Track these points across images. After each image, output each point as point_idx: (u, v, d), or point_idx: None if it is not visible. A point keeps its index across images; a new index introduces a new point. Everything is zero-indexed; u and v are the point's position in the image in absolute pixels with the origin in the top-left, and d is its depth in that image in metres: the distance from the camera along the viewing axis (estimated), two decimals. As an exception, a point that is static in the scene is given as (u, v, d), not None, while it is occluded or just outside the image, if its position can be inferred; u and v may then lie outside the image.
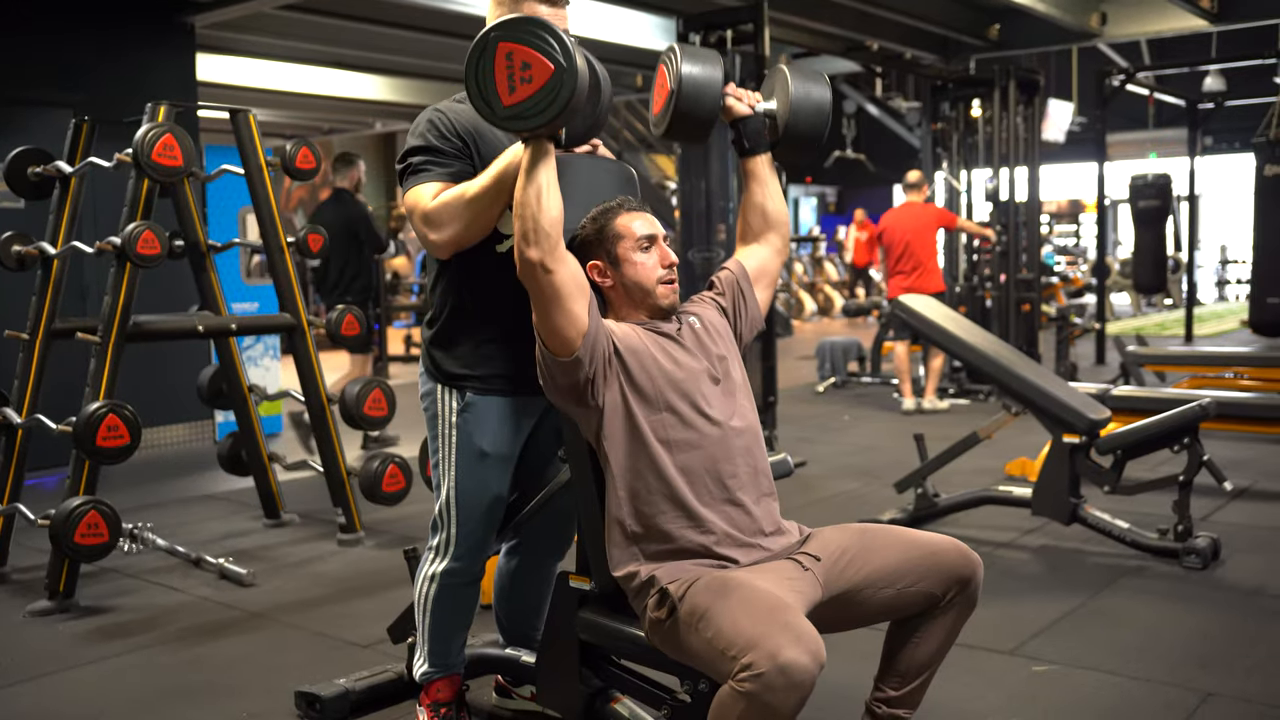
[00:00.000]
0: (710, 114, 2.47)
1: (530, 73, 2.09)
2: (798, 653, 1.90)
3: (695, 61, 2.44)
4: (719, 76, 2.46)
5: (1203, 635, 3.44)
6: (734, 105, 2.53)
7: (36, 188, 4.47)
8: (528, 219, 2.19)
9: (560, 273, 2.21)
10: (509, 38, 2.10)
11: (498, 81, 2.12)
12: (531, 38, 2.09)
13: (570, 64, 2.08)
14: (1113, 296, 16.26)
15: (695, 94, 2.42)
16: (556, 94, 2.09)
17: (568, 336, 2.23)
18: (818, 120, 2.53)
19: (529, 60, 2.09)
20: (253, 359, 7.40)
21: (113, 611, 3.92)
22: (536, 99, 2.10)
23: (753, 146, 2.57)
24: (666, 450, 2.27)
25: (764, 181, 2.60)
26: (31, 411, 4.28)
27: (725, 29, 6.24)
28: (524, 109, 2.12)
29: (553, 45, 2.08)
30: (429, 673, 2.74)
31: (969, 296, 8.89)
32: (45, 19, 6.64)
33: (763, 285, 2.59)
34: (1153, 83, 11.71)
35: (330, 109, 13.24)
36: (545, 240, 2.19)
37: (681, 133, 2.51)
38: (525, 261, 2.21)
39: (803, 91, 2.51)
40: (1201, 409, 4.13)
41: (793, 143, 2.55)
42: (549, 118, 2.11)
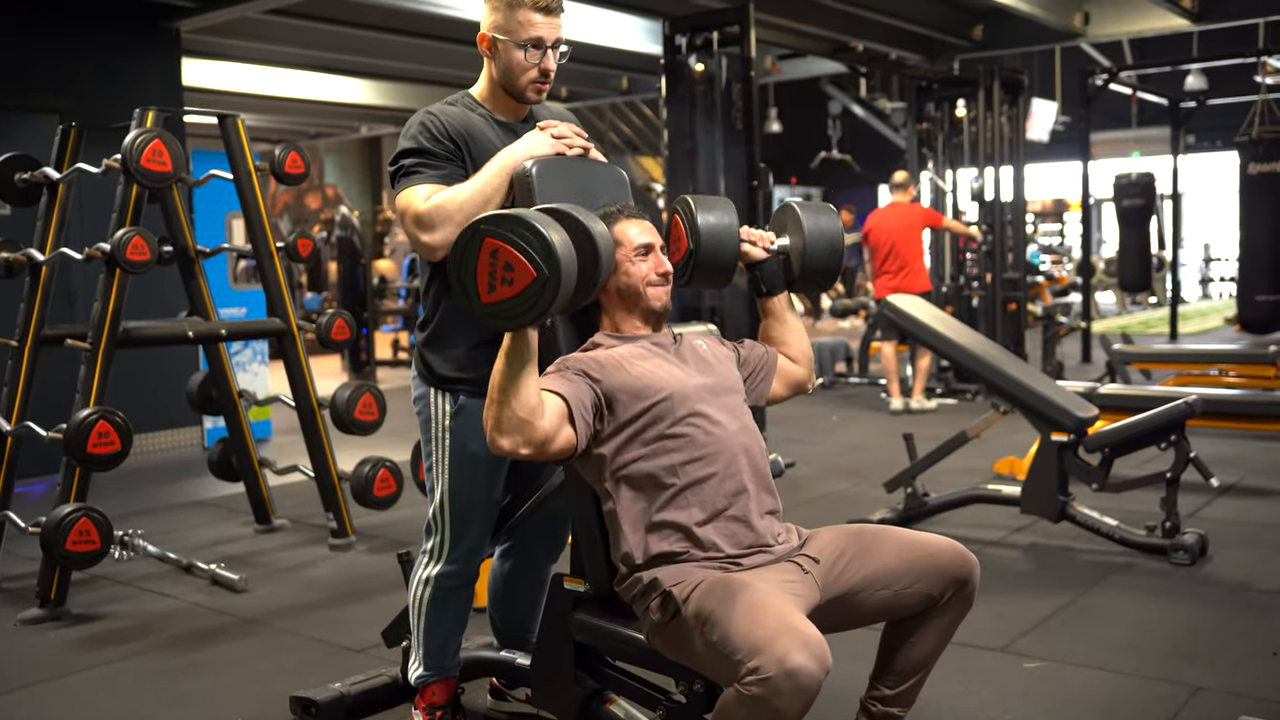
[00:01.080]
0: (730, 263, 2.48)
1: (512, 275, 2.01)
2: (804, 657, 1.91)
3: (711, 211, 2.45)
4: (735, 222, 2.47)
5: (1191, 630, 3.47)
6: (750, 250, 2.54)
7: (24, 194, 4.46)
8: (502, 409, 2.12)
9: (537, 448, 2.15)
10: (496, 235, 2.02)
11: (478, 277, 2.04)
12: (518, 239, 2.01)
13: (554, 272, 1.99)
14: (1098, 295, 16.35)
15: (715, 245, 2.44)
16: (535, 301, 2.01)
17: (562, 453, 2.23)
18: (833, 255, 2.55)
19: (512, 262, 2.01)
20: (241, 364, 7.39)
21: (105, 619, 3.91)
22: (514, 303, 2.02)
23: (770, 288, 2.59)
24: (669, 475, 2.25)
25: (785, 321, 2.63)
26: (21, 418, 4.26)
27: (711, 31, 6.25)
28: (501, 310, 2.04)
29: (537, 250, 1.99)
30: (424, 676, 2.75)
31: (955, 296, 8.92)
32: (31, 25, 6.62)
33: (781, 383, 2.61)
34: (1135, 82, 11.78)
35: (316, 113, 13.22)
36: (519, 430, 2.12)
37: (703, 282, 2.51)
38: (495, 447, 2.15)
39: (815, 226, 2.53)
40: (1188, 406, 4.16)
41: (810, 278, 2.57)
42: (526, 321, 2.05)
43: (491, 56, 2.55)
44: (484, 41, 2.55)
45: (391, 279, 13.17)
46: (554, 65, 2.54)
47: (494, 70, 2.56)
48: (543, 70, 2.52)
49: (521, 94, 2.55)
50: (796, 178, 21.01)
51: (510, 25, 2.49)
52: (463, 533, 2.64)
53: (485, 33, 2.54)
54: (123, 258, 3.94)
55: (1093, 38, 10.24)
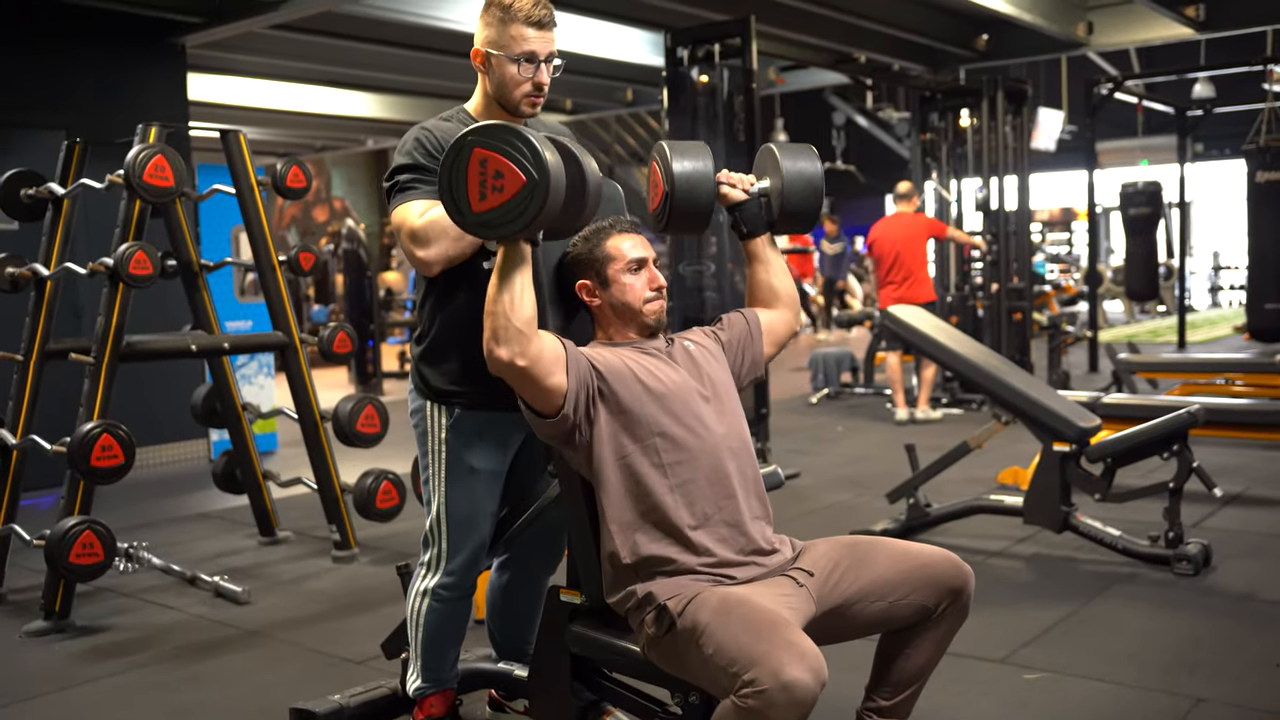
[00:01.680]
0: (707, 206, 2.50)
1: (502, 182, 2.06)
2: (800, 670, 1.92)
3: (685, 157, 2.47)
4: (710, 167, 2.49)
5: (1194, 641, 3.46)
6: (729, 193, 2.56)
7: (29, 210, 4.49)
8: (499, 320, 2.16)
9: (533, 364, 2.19)
10: (484, 144, 2.07)
11: (469, 187, 2.09)
12: (507, 146, 2.06)
13: (543, 176, 2.04)
14: (1106, 304, 16.32)
15: (689, 189, 2.46)
16: (526, 206, 2.06)
17: (549, 405, 2.25)
18: (811, 195, 2.56)
19: (501, 169, 2.06)
20: (246, 377, 7.42)
21: (108, 631, 3.93)
22: (506, 209, 2.07)
23: (751, 230, 2.60)
24: (659, 474, 2.27)
25: (767, 261, 2.63)
26: (26, 432, 4.29)
27: (713, 43, 6.28)
28: (492, 218, 2.09)
29: (526, 155, 2.04)
30: (422, 688, 2.76)
31: (960, 306, 8.92)
32: (37, 42, 6.67)
33: (770, 341, 2.61)
34: (1142, 91, 11.78)
35: (323, 127, 13.28)
36: (516, 340, 2.16)
37: (680, 227, 2.53)
38: (494, 359, 2.19)
39: (794, 167, 2.54)
40: (1190, 416, 4.15)
41: (789, 219, 2.57)
42: (516, 228, 2.09)
43: (485, 71, 2.57)
44: (478, 57, 2.56)
45: (398, 291, 13.22)
46: (547, 79, 2.56)
47: (488, 85, 2.58)
48: (536, 84, 2.54)
49: (516, 108, 2.56)
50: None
51: (503, 40, 2.50)
52: (460, 545, 2.65)
53: (479, 48, 2.55)
54: (125, 272, 3.96)
55: (1096, 47, 10.25)
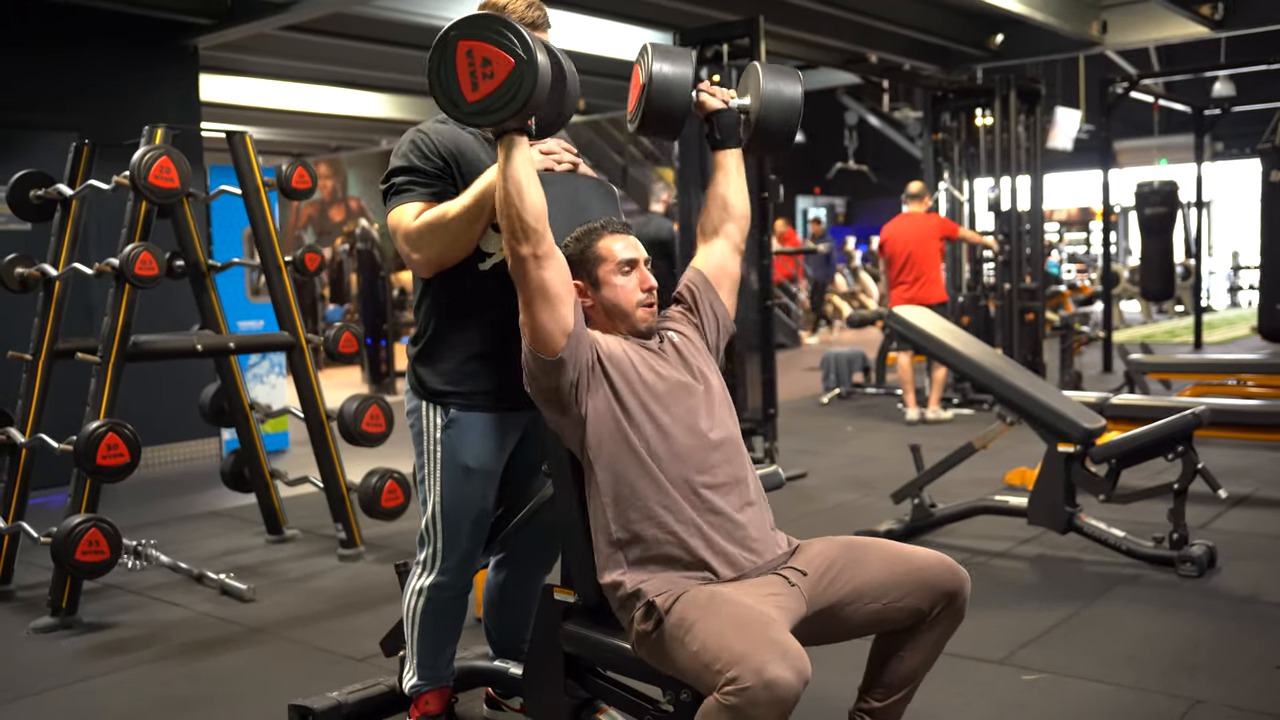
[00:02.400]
0: (681, 109, 2.51)
1: (491, 68, 2.12)
2: (783, 669, 1.92)
3: (666, 59, 2.49)
4: (689, 73, 2.50)
5: (1194, 643, 3.45)
6: (707, 100, 2.58)
7: (38, 210, 4.53)
8: (512, 216, 2.22)
9: (549, 269, 2.26)
10: (468, 35, 2.13)
11: (460, 79, 2.14)
12: (490, 33, 2.12)
13: (530, 56, 2.10)
14: (1123, 304, 16.23)
15: (666, 89, 2.47)
16: (519, 87, 2.11)
17: (553, 333, 2.26)
18: (789, 115, 2.58)
19: (489, 56, 2.11)
20: (258, 376, 7.47)
21: (114, 627, 3.96)
22: (500, 93, 2.12)
23: (723, 139, 2.61)
24: (650, 459, 2.30)
25: (730, 173, 2.64)
26: (35, 431, 4.33)
27: (721, 43, 6.27)
28: (488, 104, 2.14)
29: (511, 39, 2.10)
30: (418, 685, 2.77)
31: (972, 306, 8.89)
32: (50, 44, 6.72)
33: (725, 290, 2.62)
34: (1161, 89, 11.71)
35: (336, 127, 13.34)
36: (532, 233, 2.23)
37: (654, 127, 2.54)
38: (516, 257, 2.25)
39: (774, 88, 2.56)
40: (1195, 417, 4.13)
41: (764, 137, 2.59)
42: (514, 110, 2.13)
43: None
44: None
45: (411, 291, 13.25)
46: None
47: None
48: None
49: None
50: (820, 188, 21.03)
51: None
52: (455, 544, 2.67)
53: None
54: (131, 273, 4.00)
55: (1110, 46, 10.19)
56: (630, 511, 2.29)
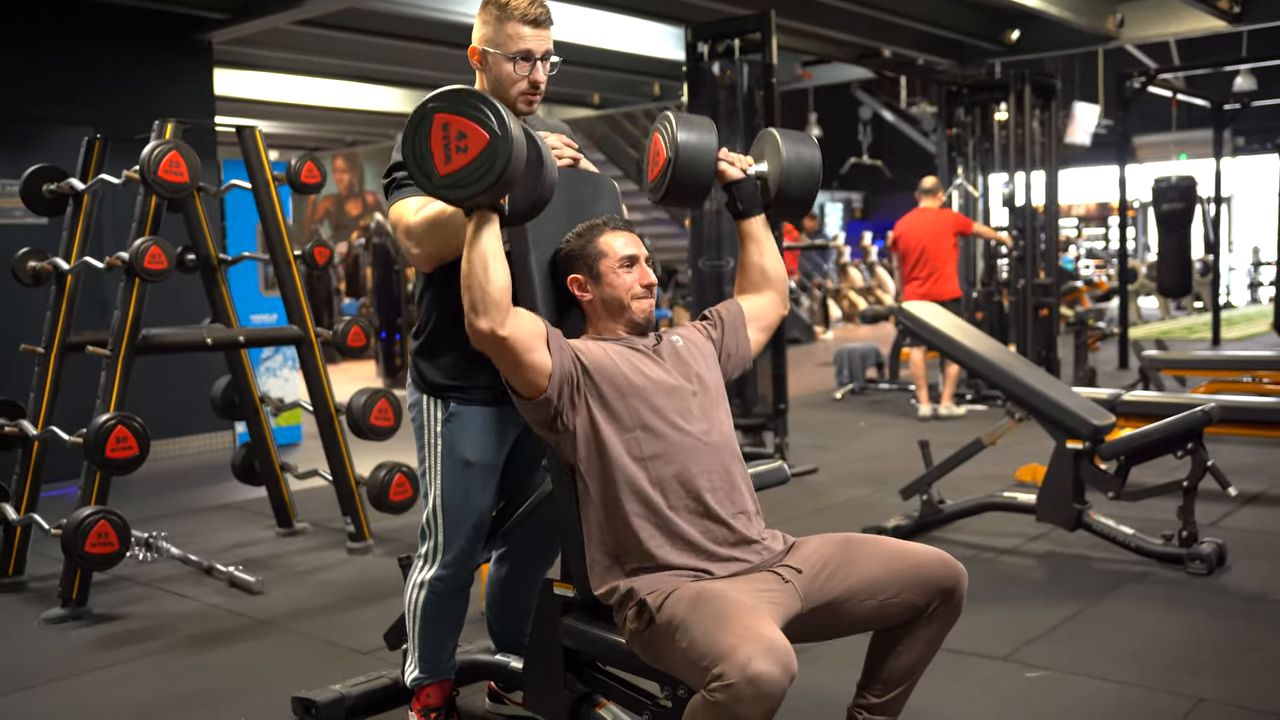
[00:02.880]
0: (706, 179, 2.51)
1: (466, 142, 2.08)
2: (768, 664, 1.92)
3: (690, 129, 2.48)
4: (714, 142, 2.50)
5: (1200, 641, 3.43)
6: (727, 170, 2.57)
7: (51, 204, 4.57)
8: (475, 290, 2.19)
9: (513, 335, 2.23)
10: (446, 109, 2.09)
11: (434, 151, 2.10)
12: (468, 108, 2.08)
13: (505, 134, 2.06)
14: (1140, 300, 16.14)
15: (691, 160, 2.47)
16: (492, 163, 2.07)
17: (530, 383, 2.28)
18: (809, 181, 2.57)
19: (465, 130, 2.08)
20: (271, 370, 7.50)
21: (123, 619, 3.99)
22: (472, 168, 2.09)
23: (746, 209, 2.61)
24: (640, 467, 2.30)
25: (760, 241, 2.64)
26: (47, 424, 4.36)
27: (733, 38, 6.26)
28: (459, 178, 2.10)
29: (488, 115, 2.07)
30: (419, 678, 2.78)
31: (986, 302, 8.86)
32: (66, 39, 6.77)
33: (757, 328, 2.63)
34: (1181, 84, 11.60)
35: (352, 121, 13.37)
36: (495, 310, 2.20)
37: (678, 198, 2.55)
38: (476, 331, 2.22)
39: (794, 154, 2.55)
40: (1204, 414, 4.11)
41: (785, 204, 2.59)
42: (484, 186, 2.10)
43: (482, 69, 2.59)
44: (474, 55, 2.59)
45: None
46: (543, 77, 2.58)
47: (485, 83, 2.60)
48: (532, 82, 2.56)
49: (512, 105, 2.58)
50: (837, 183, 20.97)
51: (499, 38, 2.52)
52: (456, 537, 2.67)
53: (476, 46, 2.58)
54: (140, 267, 4.02)
55: (1127, 40, 10.12)
56: (622, 525, 2.29)
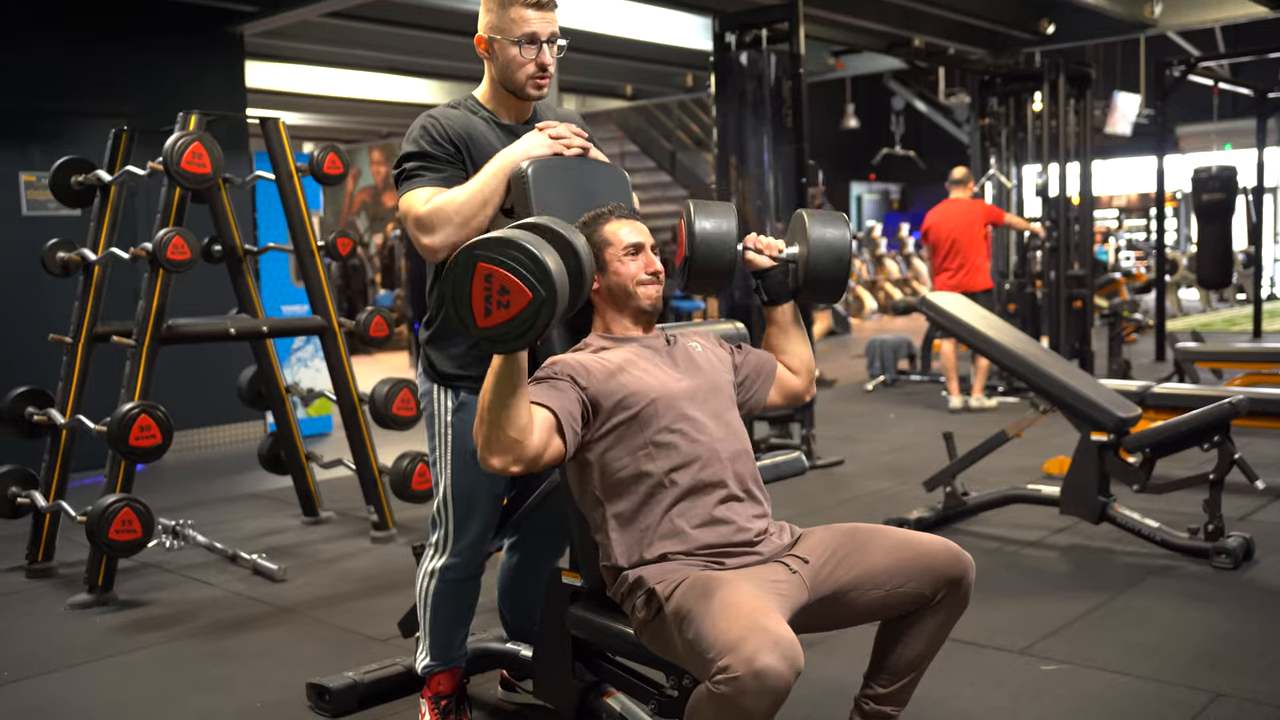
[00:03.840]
0: (728, 267, 2.48)
1: (508, 298, 2.00)
2: (773, 659, 1.90)
3: (709, 216, 2.47)
4: (732, 228, 2.48)
5: (1222, 636, 3.38)
6: (755, 259, 2.55)
7: (79, 196, 4.62)
8: (490, 428, 2.11)
9: (528, 465, 2.16)
10: (488, 259, 2.01)
11: (474, 302, 2.02)
12: (511, 262, 2.00)
13: (549, 292, 1.99)
14: (1181, 292, 15.92)
15: (709, 250, 2.45)
16: (533, 322, 2.00)
17: (552, 465, 2.25)
18: (836, 266, 2.52)
19: (507, 285, 2.00)
20: (303, 360, 7.57)
21: (148, 605, 4.05)
22: (511, 325, 2.01)
23: (773, 298, 2.59)
24: (654, 481, 2.28)
25: (788, 331, 2.62)
26: (74, 413, 4.42)
27: (760, 28, 6.24)
28: (498, 333, 2.03)
29: (532, 271, 1.99)
30: (430, 666, 2.80)
31: (1018, 294, 8.77)
32: (99, 33, 6.85)
33: (778, 391, 2.60)
34: (1226, 73, 11.40)
35: (385, 113, 13.45)
36: (510, 449, 2.12)
37: (701, 286, 2.53)
38: (487, 466, 2.15)
39: (820, 237, 2.50)
40: (1231, 407, 4.06)
41: (814, 287, 2.54)
42: (524, 343, 2.04)
43: (490, 57, 2.59)
44: (480, 44, 2.59)
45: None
46: (550, 60, 2.57)
47: (493, 70, 2.60)
48: (539, 65, 2.55)
49: (521, 90, 2.58)
50: (875, 174, 20.83)
51: (504, 23, 2.53)
52: (466, 526, 2.68)
53: (482, 34, 2.58)
54: (164, 257, 4.07)
55: (1167, 27, 9.98)
56: (638, 543, 2.28)
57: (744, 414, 2.54)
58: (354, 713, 2.97)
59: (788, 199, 6.39)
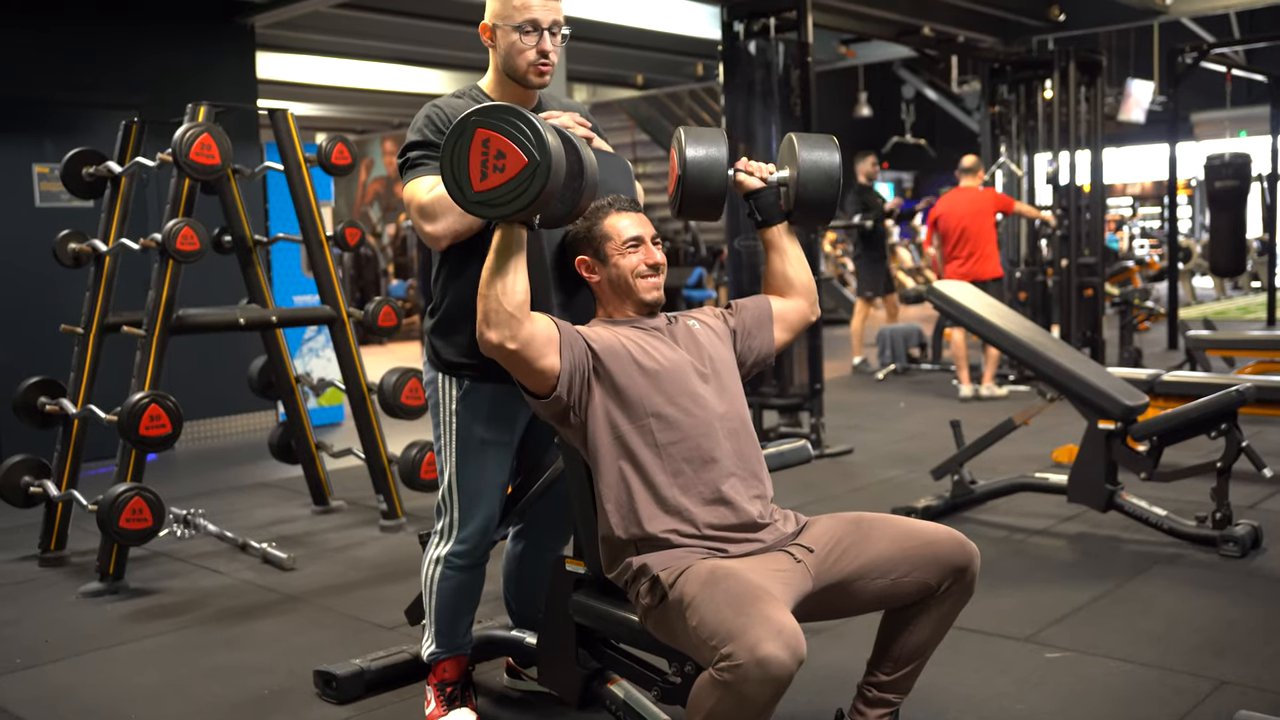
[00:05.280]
0: (718, 192, 2.50)
1: (504, 162, 2.08)
2: (776, 647, 1.92)
3: (699, 144, 2.48)
4: (723, 156, 2.50)
5: (1227, 623, 3.38)
6: (745, 180, 2.58)
7: (90, 187, 4.64)
8: (490, 301, 2.20)
9: (523, 347, 2.22)
10: (487, 124, 2.09)
11: (470, 166, 2.11)
12: (509, 127, 2.08)
13: (544, 158, 2.06)
14: (1196, 280, 15.85)
15: (701, 175, 2.47)
16: (527, 186, 2.07)
17: (543, 385, 2.28)
18: (826, 187, 2.54)
19: (504, 149, 2.07)
20: (314, 350, 7.60)
21: (158, 593, 4.08)
22: (507, 189, 2.09)
23: (766, 218, 2.61)
24: (653, 454, 2.30)
25: (784, 251, 2.63)
26: (86, 402, 4.45)
27: (769, 17, 6.22)
28: (493, 196, 2.11)
29: (529, 138, 2.06)
30: (436, 653, 2.82)
31: (1029, 282, 8.74)
32: (109, 24, 6.86)
33: (782, 328, 2.62)
34: (1241, 59, 11.31)
35: (396, 104, 13.44)
36: (507, 324, 2.20)
37: (693, 212, 2.54)
38: (484, 342, 2.23)
39: (810, 159, 2.53)
40: (1239, 394, 4.05)
41: (804, 210, 2.57)
42: (517, 208, 2.11)
43: (493, 45, 2.61)
44: (485, 31, 2.60)
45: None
46: (552, 47, 2.57)
47: (497, 58, 2.62)
48: (540, 52, 2.56)
49: (524, 77, 2.59)
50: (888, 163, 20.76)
51: (506, 10, 2.54)
52: (471, 513, 2.70)
53: (486, 22, 2.60)
54: (173, 248, 4.09)
55: (1180, 14, 9.91)
56: (634, 514, 2.29)
57: (755, 365, 2.58)
58: (360, 699, 3.00)
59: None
